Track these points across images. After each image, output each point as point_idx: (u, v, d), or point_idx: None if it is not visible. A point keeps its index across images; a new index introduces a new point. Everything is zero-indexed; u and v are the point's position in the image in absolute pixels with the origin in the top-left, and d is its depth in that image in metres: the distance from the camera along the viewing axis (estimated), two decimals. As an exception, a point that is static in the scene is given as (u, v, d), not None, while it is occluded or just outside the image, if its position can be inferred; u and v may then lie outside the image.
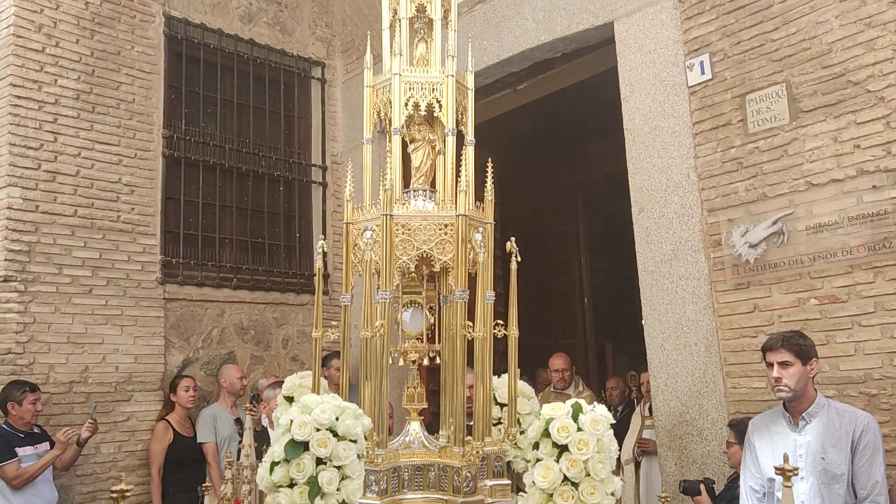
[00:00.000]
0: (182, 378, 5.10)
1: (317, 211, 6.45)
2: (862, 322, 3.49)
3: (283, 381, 4.18)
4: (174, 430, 4.94)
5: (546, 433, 2.42)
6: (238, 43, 6.04)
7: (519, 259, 2.87)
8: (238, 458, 3.07)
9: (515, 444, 2.77)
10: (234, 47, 6.02)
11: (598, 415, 2.42)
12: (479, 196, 2.81)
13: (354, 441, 2.31)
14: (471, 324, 2.71)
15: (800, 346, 2.92)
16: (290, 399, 2.96)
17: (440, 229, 2.69)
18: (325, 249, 2.88)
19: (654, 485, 4.86)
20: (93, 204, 5.07)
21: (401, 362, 2.84)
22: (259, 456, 3.09)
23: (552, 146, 8.33)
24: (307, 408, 2.32)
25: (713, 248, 4.09)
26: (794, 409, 2.94)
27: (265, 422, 4.98)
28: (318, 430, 2.26)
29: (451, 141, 2.81)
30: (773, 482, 2.92)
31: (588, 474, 2.35)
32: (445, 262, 2.67)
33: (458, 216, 2.68)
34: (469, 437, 2.68)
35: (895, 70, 3.47)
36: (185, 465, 4.83)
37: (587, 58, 5.19)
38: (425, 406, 2.87)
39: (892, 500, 2.82)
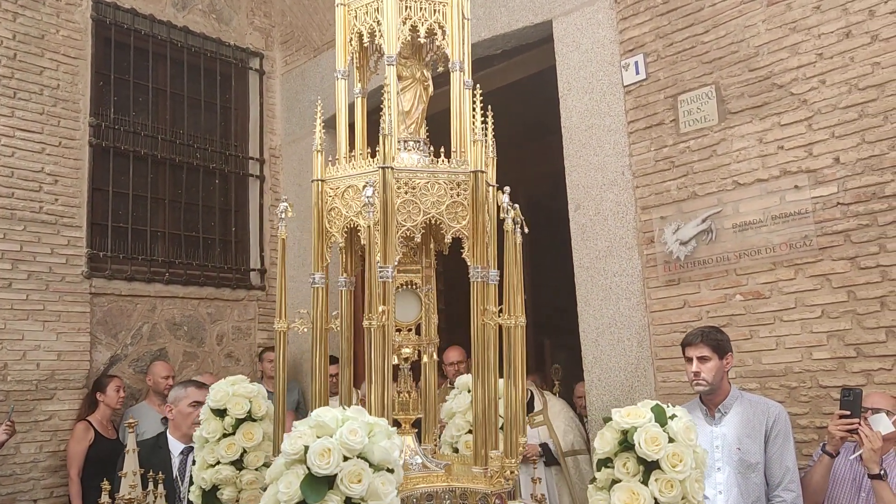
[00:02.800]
0: (112, 378, 4.91)
1: (254, 205, 6.32)
2: (783, 317, 3.61)
3: (197, 381, 3.67)
4: (95, 431, 4.72)
5: (624, 445, 1.91)
6: (171, 30, 5.86)
7: (526, 230, 2.34)
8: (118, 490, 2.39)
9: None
10: (167, 34, 5.84)
11: (689, 420, 1.96)
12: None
13: (392, 470, 1.75)
14: (495, 309, 2.22)
15: (717, 341, 3.01)
16: (220, 413, 2.45)
17: (451, 189, 2.19)
18: (290, 213, 2.37)
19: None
20: (13, 194, 4.84)
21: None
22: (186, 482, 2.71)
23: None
24: (326, 427, 1.72)
25: (646, 245, 4.16)
26: (710, 401, 3.03)
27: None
28: (346, 458, 1.68)
29: (457, 78, 2.32)
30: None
31: (684, 497, 1.86)
32: (458, 230, 2.20)
33: (472, 173, 2.21)
34: (496, 453, 2.19)
35: (818, 74, 3.60)
36: (105, 469, 4.61)
37: (527, 55, 5.22)
38: (420, 416, 2.40)
39: (803, 487, 2.93)
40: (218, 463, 2.42)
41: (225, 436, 2.45)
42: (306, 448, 1.67)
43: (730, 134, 3.87)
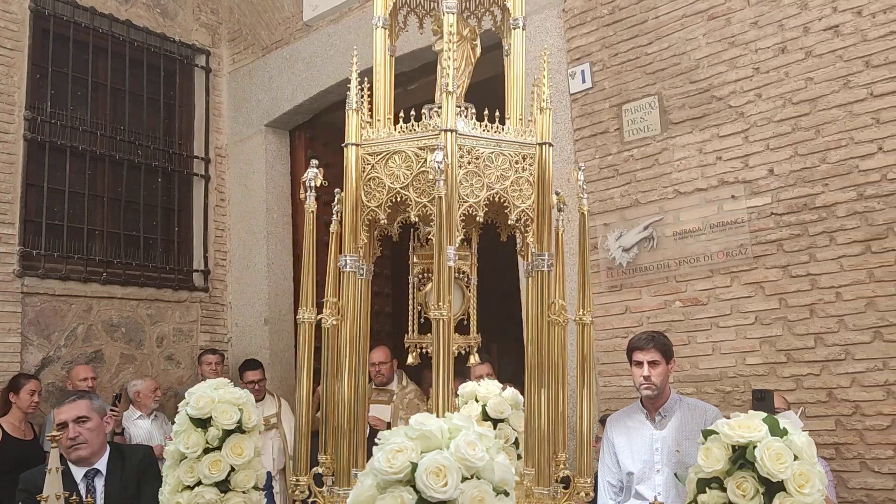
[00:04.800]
0: (29, 380, 4.66)
1: (198, 204, 6.18)
2: (719, 323, 3.71)
3: (69, 394, 3.20)
4: (4, 432, 4.43)
5: (742, 461, 1.66)
6: (113, 23, 5.70)
7: (586, 210, 2.08)
8: None
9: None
10: (109, 28, 5.67)
11: (807, 435, 1.71)
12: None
13: (507, 494, 1.44)
14: (564, 303, 2.00)
15: (665, 346, 3.07)
16: (201, 422, 2.03)
17: (516, 162, 1.94)
18: (320, 180, 2.05)
19: None
20: (-60, 188, 4.65)
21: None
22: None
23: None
24: (432, 438, 1.39)
25: (590, 252, 4.22)
26: (652, 405, 3.08)
27: (130, 423, 4.67)
28: (465, 478, 1.35)
29: (519, 37, 2.08)
30: (632, 476, 3.04)
31: None
32: (524, 210, 1.96)
33: (539, 145, 1.98)
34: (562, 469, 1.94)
35: (755, 87, 3.71)
36: (15, 470, 4.33)
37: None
38: None
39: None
40: (199, 484, 2.01)
41: (207, 451, 2.03)
42: (414, 466, 1.33)
43: (671, 143, 3.96)
